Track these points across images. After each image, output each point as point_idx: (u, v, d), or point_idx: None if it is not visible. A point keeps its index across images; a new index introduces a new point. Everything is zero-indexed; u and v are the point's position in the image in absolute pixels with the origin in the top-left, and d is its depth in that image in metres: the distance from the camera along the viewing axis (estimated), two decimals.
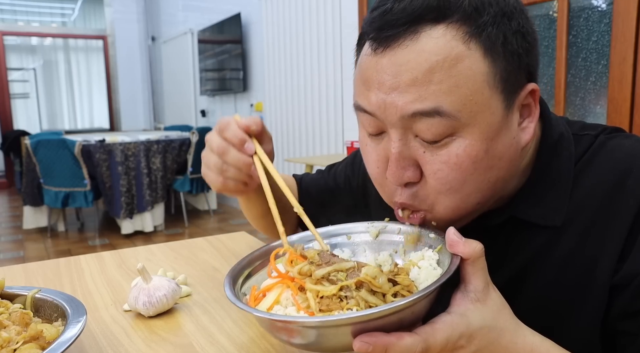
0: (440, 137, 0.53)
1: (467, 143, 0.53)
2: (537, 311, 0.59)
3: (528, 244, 0.62)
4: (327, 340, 0.48)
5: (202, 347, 0.69)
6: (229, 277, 0.58)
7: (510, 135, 0.56)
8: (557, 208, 0.60)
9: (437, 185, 0.55)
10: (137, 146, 4.45)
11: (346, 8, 3.44)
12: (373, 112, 0.55)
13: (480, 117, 0.52)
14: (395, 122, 0.54)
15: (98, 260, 1.07)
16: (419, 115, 0.52)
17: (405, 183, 0.57)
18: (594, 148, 0.61)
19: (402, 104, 0.52)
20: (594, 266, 0.57)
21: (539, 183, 0.62)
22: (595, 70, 1.96)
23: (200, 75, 5.85)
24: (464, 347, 0.48)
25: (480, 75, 0.51)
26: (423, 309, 0.49)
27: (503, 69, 0.53)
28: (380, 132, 0.58)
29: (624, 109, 1.88)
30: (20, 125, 7.38)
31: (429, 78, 0.51)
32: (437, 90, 0.51)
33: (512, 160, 0.58)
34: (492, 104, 0.53)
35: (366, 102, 0.56)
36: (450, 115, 0.51)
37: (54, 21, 7.77)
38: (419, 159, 0.55)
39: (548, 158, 0.62)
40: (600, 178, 0.59)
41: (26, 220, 4.60)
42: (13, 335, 0.59)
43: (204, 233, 4.39)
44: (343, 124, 3.62)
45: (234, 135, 0.68)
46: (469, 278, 0.50)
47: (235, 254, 1.09)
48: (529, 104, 0.58)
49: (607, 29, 1.91)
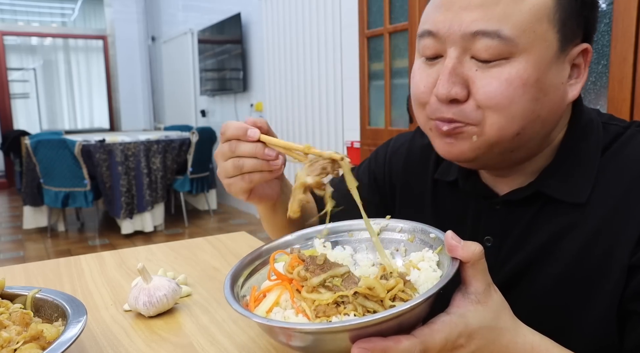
0: (496, 57, 0.56)
1: (520, 66, 0.55)
2: (559, 288, 0.61)
3: (553, 222, 0.63)
4: (325, 345, 0.48)
5: (202, 347, 0.69)
6: (229, 279, 0.58)
7: (559, 79, 0.59)
8: (582, 185, 0.62)
9: (484, 99, 0.57)
10: (137, 146, 4.44)
11: (346, 8, 3.44)
12: (437, 31, 0.58)
13: (536, 46, 0.56)
14: (456, 40, 0.57)
15: (98, 260, 1.07)
16: (480, 35, 0.55)
17: (451, 100, 0.58)
18: (624, 139, 0.63)
19: (468, 22, 0.56)
20: (614, 248, 0.58)
21: (566, 162, 0.64)
22: (595, 70, 1.95)
23: (200, 75, 5.85)
24: (464, 346, 0.48)
25: (545, 8, 0.55)
26: (422, 313, 0.49)
27: (564, 9, 0.56)
28: (437, 57, 0.60)
29: (624, 108, 1.88)
30: (20, 125, 7.38)
31: (497, 1, 0.55)
32: (502, 13, 0.54)
33: (556, 106, 0.60)
34: (549, 38, 0.56)
35: (433, 24, 0.59)
36: (509, 39, 0.54)
37: (54, 21, 7.77)
38: (470, 76, 0.58)
39: (576, 139, 0.64)
40: (628, 166, 0.61)
41: (26, 220, 4.60)
42: (13, 335, 0.59)
43: (204, 233, 4.38)
44: (343, 123, 3.62)
45: (235, 129, 0.65)
46: (469, 280, 0.50)
47: (235, 254, 1.09)
48: (579, 64, 0.61)
49: (607, 29, 1.91)
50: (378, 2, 3.04)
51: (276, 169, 0.66)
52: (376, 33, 3.05)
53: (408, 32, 2.69)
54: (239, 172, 0.66)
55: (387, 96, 3.06)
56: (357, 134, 3.38)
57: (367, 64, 3.17)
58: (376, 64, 3.14)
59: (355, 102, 3.39)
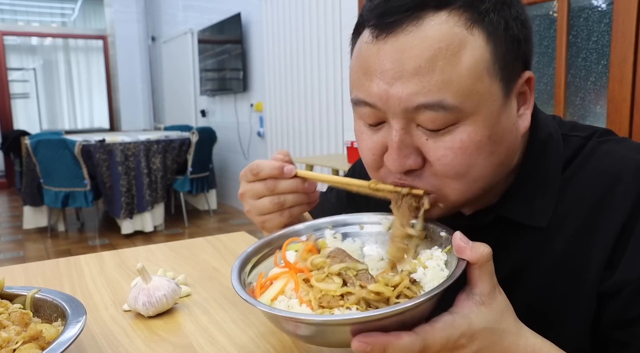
0: (444, 126, 0.53)
1: (471, 130, 0.53)
2: (528, 313, 0.59)
3: (517, 245, 0.62)
4: (326, 336, 0.49)
5: (201, 347, 0.69)
6: (238, 265, 0.59)
7: (510, 121, 0.56)
8: (544, 208, 0.60)
9: (444, 170, 0.55)
10: (137, 146, 4.44)
11: (346, 8, 3.44)
12: (374, 103, 0.55)
13: (482, 105, 0.53)
14: (398, 113, 0.54)
15: (98, 260, 1.07)
16: (422, 108, 0.52)
17: (407, 170, 0.57)
18: (585, 152, 0.61)
19: (406, 96, 0.52)
20: (581, 272, 0.57)
21: (526, 183, 0.62)
22: (595, 70, 1.95)
23: (200, 75, 5.85)
24: (465, 346, 0.48)
25: (482, 63, 0.52)
26: (425, 312, 0.49)
27: (503, 56, 0.53)
28: (380, 122, 0.58)
29: (624, 108, 1.87)
30: (20, 125, 7.38)
31: (432, 67, 0.50)
32: (440, 81, 0.51)
33: (512, 146, 0.58)
34: (493, 92, 0.53)
35: (366, 93, 0.55)
36: (454, 107, 0.51)
37: (54, 21, 7.77)
38: (421, 146, 0.55)
39: (536, 158, 0.62)
40: (591, 183, 0.59)
41: (26, 220, 4.60)
42: (13, 335, 0.59)
43: (204, 233, 4.38)
44: (343, 124, 3.62)
45: (270, 169, 0.66)
46: (475, 281, 0.49)
47: (235, 254, 1.09)
48: (524, 92, 0.58)
49: (607, 29, 1.91)
50: None
51: (314, 200, 0.69)
52: None
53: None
54: (279, 209, 0.67)
55: None
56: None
57: None
58: None
59: None
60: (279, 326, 0.51)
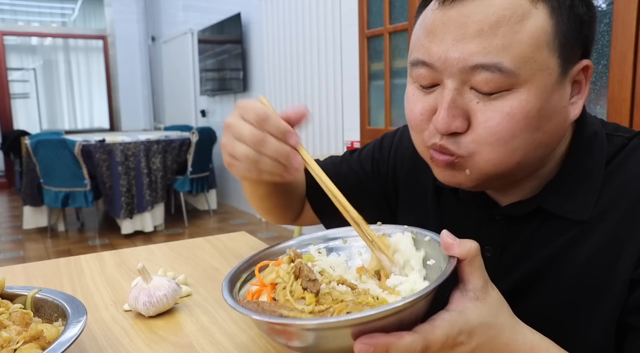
0: (497, 90, 0.54)
1: (523, 98, 0.54)
2: (557, 305, 0.60)
3: (554, 238, 0.63)
4: (326, 343, 0.47)
5: (202, 347, 0.69)
6: (227, 281, 0.58)
7: (561, 103, 0.57)
8: (585, 203, 0.61)
9: (486, 134, 0.55)
10: (137, 146, 4.44)
11: (346, 8, 3.44)
12: (432, 63, 0.56)
13: (538, 76, 0.54)
14: (454, 73, 0.55)
15: (98, 260, 1.07)
16: (479, 68, 0.53)
17: (450, 132, 0.57)
18: (627, 151, 0.62)
19: (466, 55, 0.53)
20: (616, 264, 0.58)
21: (569, 177, 0.63)
22: (595, 70, 1.95)
23: (200, 75, 5.85)
24: (464, 343, 0.48)
25: (544, 34, 0.53)
26: (421, 310, 0.49)
27: (564, 33, 0.54)
28: (433, 85, 0.58)
29: (624, 108, 1.88)
30: (20, 125, 7.38)
31: (495, 31, 0.52)
32: (501, 44, 0.52)
33: (558, 129, 0.59)
34: (550, 65, 0.54)
35: (426, 53, 0.56)
36: (510, 72, 0.52)
37: (54, 21, 7.77)
38: (471, 108, 0.56)
39: (580, 153, 0.63)
40: (632, 179, 0.60)
41: (26, 220, 4.60)
42: (13, 335, 0.59)
43: (204, 233, 4.38)
44: (343, 124, 3.62)
45: (275, 126, 0.58)
46: (467, 277, 0.50)
47: (235, 254, 1.09)
48: (580, 80, 0.59)
49: (607, 29, 1.91)
50: (378, 2, 3.04)
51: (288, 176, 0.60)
52: (376, 33, 3.05)
53: (408, 32, 2.69)
54: (252, 166, 0.60)
55: (387, 96, 3.06)
56: (357, 133, 3.38)
57: (367, 64, 3.17)
58: (376, 64, 3.14)
59: (355, 102, 3.39)
60: (275, 338, 0.50)
